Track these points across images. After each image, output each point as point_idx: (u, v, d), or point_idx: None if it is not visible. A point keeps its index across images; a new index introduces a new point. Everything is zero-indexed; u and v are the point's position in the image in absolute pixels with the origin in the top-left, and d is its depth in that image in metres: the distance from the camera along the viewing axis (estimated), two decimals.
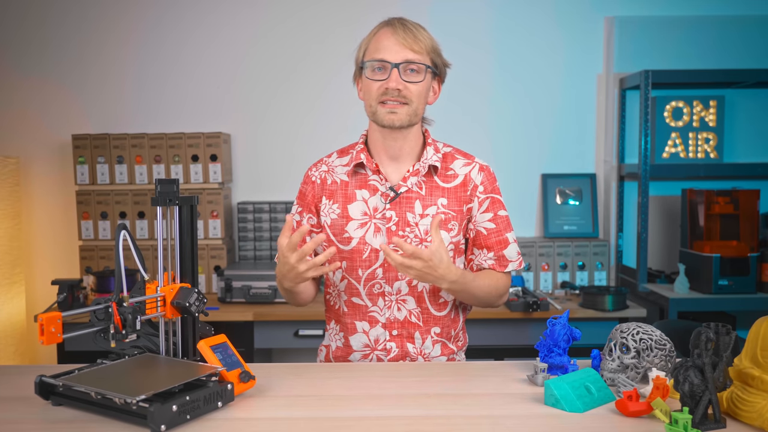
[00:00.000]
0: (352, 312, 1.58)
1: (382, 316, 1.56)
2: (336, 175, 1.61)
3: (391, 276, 1.55)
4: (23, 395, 1.24)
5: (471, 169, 1.60)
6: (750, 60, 3.01)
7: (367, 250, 1.55)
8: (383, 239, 1.54)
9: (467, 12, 3.05)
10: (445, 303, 1.60)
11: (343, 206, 1.57)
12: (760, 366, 1.09)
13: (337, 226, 1.58)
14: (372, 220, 1.56)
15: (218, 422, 1.12)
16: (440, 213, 1.55)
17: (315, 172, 1.64)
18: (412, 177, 1.56)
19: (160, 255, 1.28)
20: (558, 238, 3.03)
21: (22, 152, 3.09)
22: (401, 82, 1.47)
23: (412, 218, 1.54)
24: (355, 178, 1.59)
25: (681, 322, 2.02)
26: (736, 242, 2.68)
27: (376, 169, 1.56)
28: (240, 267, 2.82)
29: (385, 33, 1.50)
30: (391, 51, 1.47)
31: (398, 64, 1.47)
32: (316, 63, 3.09)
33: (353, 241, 1.56)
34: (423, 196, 1.56)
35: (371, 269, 1.55)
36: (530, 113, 3.11)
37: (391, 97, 1.48)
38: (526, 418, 1.14)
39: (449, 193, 1.57)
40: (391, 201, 1.55)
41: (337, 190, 1.59)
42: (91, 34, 3.08)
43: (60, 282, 2.57)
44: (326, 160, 1.65)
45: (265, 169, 3.13)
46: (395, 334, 1.56)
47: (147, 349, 1.31)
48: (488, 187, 1.60)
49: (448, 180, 1.58)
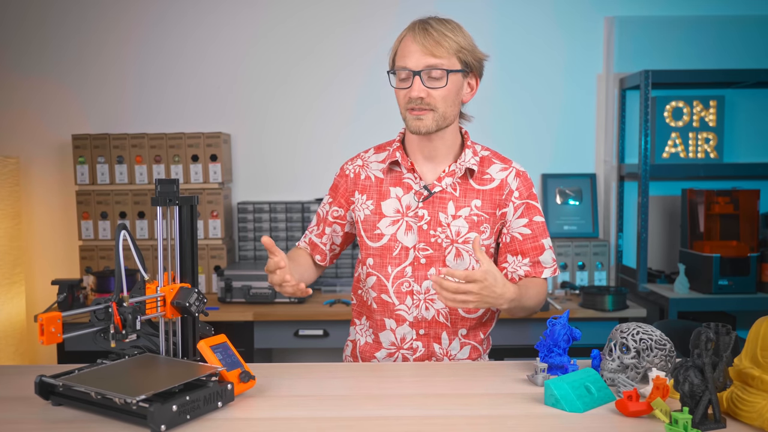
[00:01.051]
0: (381, 309, 1.59)
1: (409, 314, 1.57)
2: (370, 170, 1.62)
3: (421, 275, 1.55)
4: (23, 395, 1.24)
5: (508, 174, 1.60)
6: (750, 60, 3.01)
7: (398, 248, 1.56)
8: (414, 238, 1.55)
9: (467, 12, 3.05)
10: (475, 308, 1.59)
11: (377, 203, 1.58)
12: (760, 366, 1.09)
13: (370, 222, 1.59)
14: (404, 218, 1.56)
15: (218, 422, 1.12)
16: (473, 215, 1.55)
17: (350, 166, 1.65)
18: (447, 177, 1.56)
19: (160, 255, 1.28)
20: (558, 238, 3.03)
21: (22, 152, 3.09)
22: (423, 89, 1.47)
23: (444, 219, 1.54)
24: (390, 175, 1.59)
25: (681, 322, 2.02)
26: (736, 242, 2.68)
27: (411, 168, 1.57)
28: (240, 267, 2.82)
29: (408, 38, 1.49)
30: (413, 58, 1.47)
31: (419, 71, 1.46)
32: (316, 63, 3.09)
33: (384, 238, 1.57)
34: (457, 197, 1.56)
35: (400, 267, 1.56)
36: (530, 113, 3.11)
37: (416, 105, 1.48)
38: (526, 418, 1.14)
39: (484, 195, 1.57)
40: (424, 200, 1.55)
41: (371, 186, 1.60)
42: (91, 33, 3.08)
43: (60, 282, 2.56)
44: (362, 155, 1.66)
45: (265, 169, 3.13)
46: (422, 333, 1.57)
47: (147, 349, 1.31)
48: (524, 192, 1.59)
49: (484, 183, 1.58)
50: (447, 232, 1.54)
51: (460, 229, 1.54)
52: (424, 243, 1.54)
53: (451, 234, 1.54)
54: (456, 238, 1.54)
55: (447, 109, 1.50)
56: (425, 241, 1.54)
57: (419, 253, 1.55)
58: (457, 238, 1.54)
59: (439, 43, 1.47)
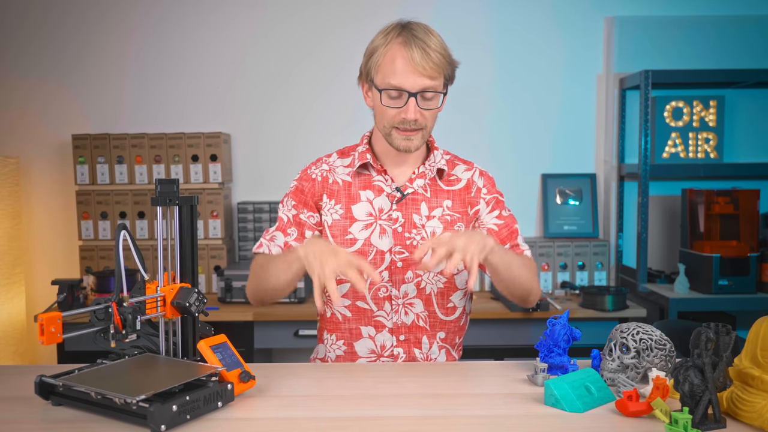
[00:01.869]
0: (357, 317, 1.54)
1: (388, 320, 1.53)
2: (337, 175, 1.58)
3: (398, 279, 1.52)
4: (23, 395, 1.24)
5: (473, 173, 1.61)
6: (750, 60, 3.01)
7: (373, 252, 1.52)
8: (390, 241, 1.52)
9: (467, 12, 3.05)
10: (453, 308, 1.57)
11: (347, 206, 1.55)
12: (760, 366, 1.09)
13: (339, 227, 1.54)
14: (378, 221, 1.54)
15: (218, 422, 1.12)
16: (446, 215, 1.55)
17: (315, 170, 1.60)
18: (419, 179, 1.56)
19: (160, 255, 1.28)
20: (558, 238, 3.03)
21: (22, 152, 3.09)
22: (419, 111, 1.45)
23: (418, 220, 1.54)
24: (359, 179, 1.57)
25: (681, 322, 2.02)
26: (736, 242, 2.68)
27: (382, 170, 1.56)
28: (240, 267, 2.82)
29: (400, 53, 1.43)
30: (408, 79, 1.42)
31: (415, 93, 1.43)
32: (317, 63, 3.09)
33: (358, 242, 1.53)
34: (428, 198, 1.56)
35: (377, 272, 1.49)
36: (530, 113, 3.11)
37: (408, 126, 1.46)
38: (526, 418, 1.14)
39: (454, 195, 1.58)
40: (398, 202, 1.54)
41: (339, 190, 1.56)
42: (91, 34, 3.08)
43: (60, 282, 2.56)
44: (326, 160, 1.62)
45: (265, 169, 3.13)
46: (402, 339, 1.54)
47: (147, 349, 1.31)
48: (491, 189, 1.62)
49: (452, 184, 1.59)
50: (422, 233, 1.53)
51: (435, 229, 1.54)
52: (400, 246, 1.52)
53: (426, 235, 1.53)
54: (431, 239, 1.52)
55: (432, 125, 1.52)
56: (401, 243, 1.52)
57: (395, 256, 1.52)
58: (432, 238, 1.51)
59: (437, 65, 1.44)
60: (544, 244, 2.95)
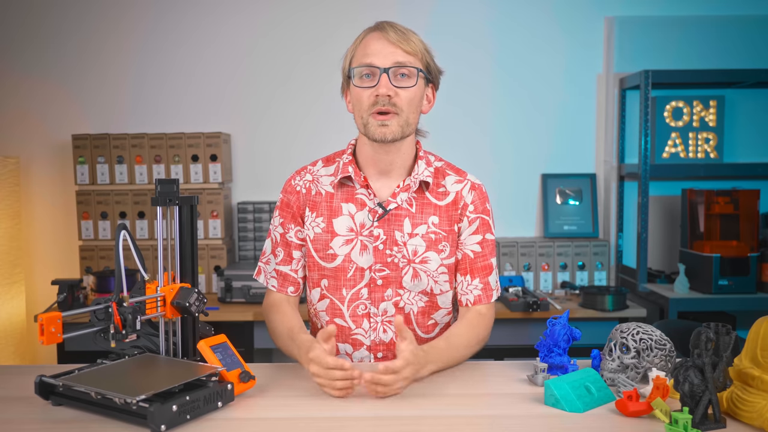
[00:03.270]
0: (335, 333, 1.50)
1: (366, 338, 1.49)
2: (321, 185, 1.52)
3: (377, 297, 1.48)
4: (23, 395, 1.24)
5: (463, 187, 1.52)
6: (750, 60, 3.01)
7: (352, 269, 1.47)
8: (370, 258, 1.47)
9: (467, 12, 3.05)
10: (434, 324, 1.53)
11: (328, 220, 1.49)
12: (760, 366, 1.09)
13: (321, 241, 1.50)
14: (358, 236, 1.48)
15: (218, 422, 1.12)
16: (430, 233, 1.48)
17: (299, 182, 1.55)
18: (402, 193, 1.48)
19: (160, 255, 1.28)
20: (558, 238, 3.03)
21: (22, 152, 3.09)
22: (392, 87, 1.38)
23: (400, 237, 1.47)
24: (342, 190, 1.50)
25: (681, 322, 2.02)
26: (736, 242, 2.68)
27: (365, 183, 1.48)
28: (240, 267, 2.82)
29: (372, 36, 1.42)
30: (380, 54, 1.39)
31: (388, 68, 1.38)
32: (316, 63, 3.09)
33: (338, 258, 1.48)
34: (413, 213, 1.48)
35: (356, 289, 1.48)
36: (530, 113, 3.11)
37: (381, 106, 1.39)
38: (526, 418, 1.14)
39: (441, 211, 1.49)
40: (379, 219, 1.47)
41: (321, 201, 1.51)
42: (91, 34, 3.08)
43: (60, 282, 2.56)
44: (311, 169, 1.56)
45: (265, 169, 3.13)
46: (380, 356, 1.50)
47: (147, 349, 1.31)
48: (479, 207, 1.52)
49: (440, 197, 1.50)
50: (403, 251, 1.46)
51: (417, 248, 1.47)
52: (381, 264, 1.47)
53: (407, 254, 1.47)
54: (413, 258, 1.47)
55: (410, 115, 1.42)
56: (381, 261, 1.47)
57: (375, 274, 1.47)
58: (414, 257, 1.47)
59: (410, 40, 1.40)
60: (544, 244, 2.95)
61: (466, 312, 1.51)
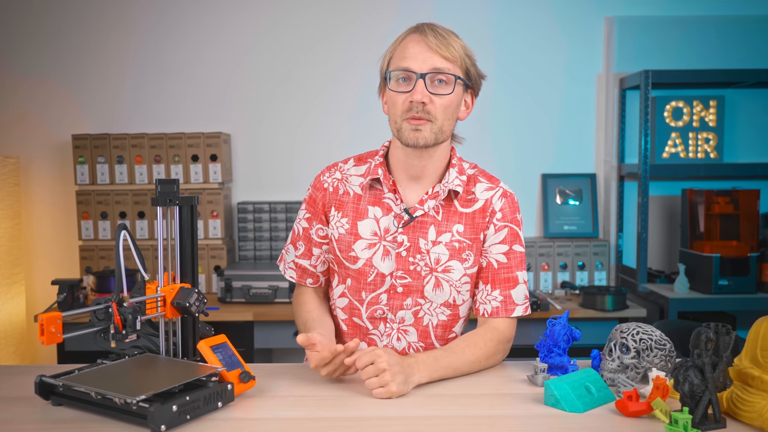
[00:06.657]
0: (353, 331, 1.50)
1: (381, 341, 1.48)
2: (349, 185, 1.49)
3: (396, 304, 1.46)
4: (23, 395, 1.24)
5: (494, 194, 1.47)
6: (750, 60, 3.01)
7: (373, 273, 1.45)
8: (392, 264, 1.44)
9: (467, 12, 3.05)
10: (454, 337, 1.50)
11: (353, 222, 1.47)
12: (760, 366, 1.09)
13: (344, 242, 1.47)
14: (382, 242, 1.45)
15: (218, 422, 1.12)
16: (454, 241, 1.44)
17: (328, 178, 1.52)
18: (430, 200, 1.44)
19: (160, 255, 1.28)
20: (558, 238, 3.03)
21: (22, 152, 3.09)
22: (427, 94, 1.34)
23: (424, 245, 1.43)
24: (370, 192, 1.47)
25: (681, 322, 2.02)
26: (736, 242, 2.68)
27: (393, 187, 1.45)
28: (240, 267, 2.82)
29: (412, 39, 1.37)
30: (418, 59, 1.34)
31: (425, 74, 1.33)
32: (317, 63, 3.09)
33: (359, 261, 1.46)
34: (439, 221, 1.44)
35: (375, 293, 1.46)
36: (530, 113, 3.11)
37: (415, 113, 1.35)
38: (526, 418, 1.14)
39: (467, 219, 1.45)
40: (404, 225, 1.43)
41: (348, 202, 1.48)
42: (91, 33, 3.08)
43: (60, 282, 2.56)
44: (341, 167, 1.53)
45: (265, 169, 3.13)
46: None
47: (147, 349, 1.31)
48: (508, 215, 1.46)
49: (468, 204, 1.46)
50: (426, 259, 1.43)
51: (440, 256, 1.43)
52: (403, 271, 1.44)
53: (430, 262, 1.43)
54: (435, 267, 1.43)
55: (445, 123, 1.38)
56: (403, 268, 1.44)
57: (396, 281, 1.44)
58: (436, 266, 1.43)
59: (449, 45, 1.35)
60: (544, 244, 2.95)
61: (482, 323, 1.47)
